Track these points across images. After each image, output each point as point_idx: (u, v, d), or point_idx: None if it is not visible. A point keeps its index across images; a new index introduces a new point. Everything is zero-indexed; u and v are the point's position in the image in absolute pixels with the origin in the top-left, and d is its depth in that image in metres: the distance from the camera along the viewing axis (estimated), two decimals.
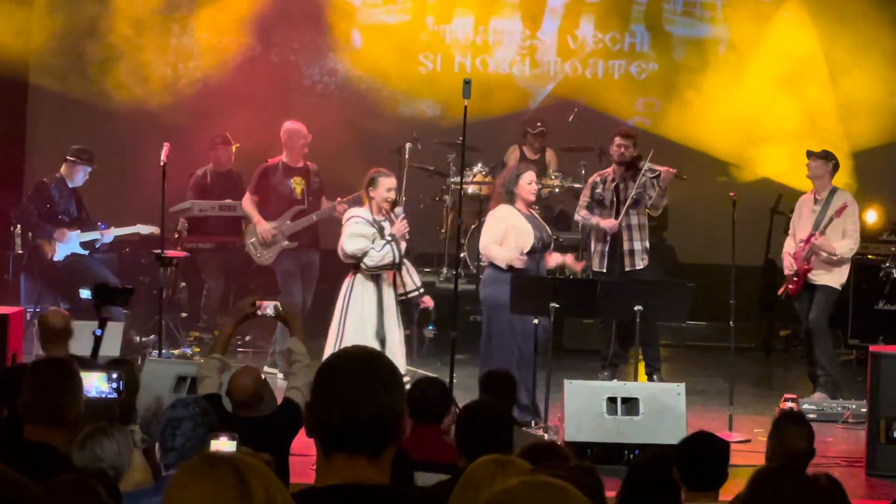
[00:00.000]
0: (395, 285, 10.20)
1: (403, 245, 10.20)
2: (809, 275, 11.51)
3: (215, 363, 7.07)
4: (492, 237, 10.45)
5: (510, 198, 10.45)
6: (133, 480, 5.72)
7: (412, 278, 10.33)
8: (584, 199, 11.98)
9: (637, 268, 11.73)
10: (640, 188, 11.65)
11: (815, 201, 11.63)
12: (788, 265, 11.62)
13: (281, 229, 12.03)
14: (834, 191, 11.63)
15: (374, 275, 10.16)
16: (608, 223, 11.58)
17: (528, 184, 10.44)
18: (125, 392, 6.64)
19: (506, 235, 10.37)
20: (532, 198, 10.47)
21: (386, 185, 10.17)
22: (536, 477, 2.68)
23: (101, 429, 5.44)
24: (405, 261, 10.38)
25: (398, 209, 10.31)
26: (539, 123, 14.58)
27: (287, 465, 6.71)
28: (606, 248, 11.76)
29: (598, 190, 11.88)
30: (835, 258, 11.41)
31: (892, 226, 13.43)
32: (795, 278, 11.56)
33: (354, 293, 10.17)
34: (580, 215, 12.02)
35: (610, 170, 11.95)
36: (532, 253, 10.34)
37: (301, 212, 12.12)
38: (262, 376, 7.52)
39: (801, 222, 11.69)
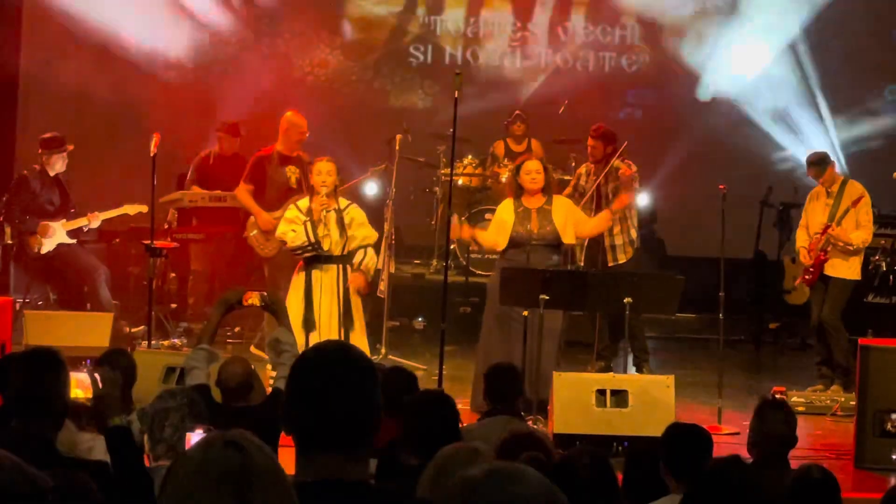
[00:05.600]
0: (342, 275, 10.37)
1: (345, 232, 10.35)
2: (825, 266, 11.59)
3: (203, 353, 7.05)
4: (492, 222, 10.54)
5: (518, 190, 10.43)
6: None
7: (366, 260, 10.43)
8: (569, 188, 12.00)
9: (619, 262, 11.75)
10: (615, 183, 11.68)
11: (828, 194, 11.70)
12: (805, 257, 11.71)
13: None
14: (846, 181, 11.73)
15: (308, 266, 10.38)
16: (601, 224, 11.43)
17: (525, 174, 10.39)
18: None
19: (495, 240, 10.46)
20: (532, 187, 10.34)
21: (316, 169, 10.43)
22: (499, 464, 2.68)
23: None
24: (368, 252, 10.46)
25: (324, 188, 10.36)
26: (517, 112, 14.63)
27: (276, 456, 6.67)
28: (586, 243, 11.78)
29: (582, 182, 11.93)
30: (850, 248, 11.49)
31: (881, 219, 13.44)
32: (811, 269, 11.64)
33: (291, 286, 10.50)
34: None
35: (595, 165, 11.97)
36: (515, 246, 10.35)
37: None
38: (253, 366, 7.51)
39: (815, 214, 11.76)
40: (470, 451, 3.70)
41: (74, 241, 12.45)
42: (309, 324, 10.27)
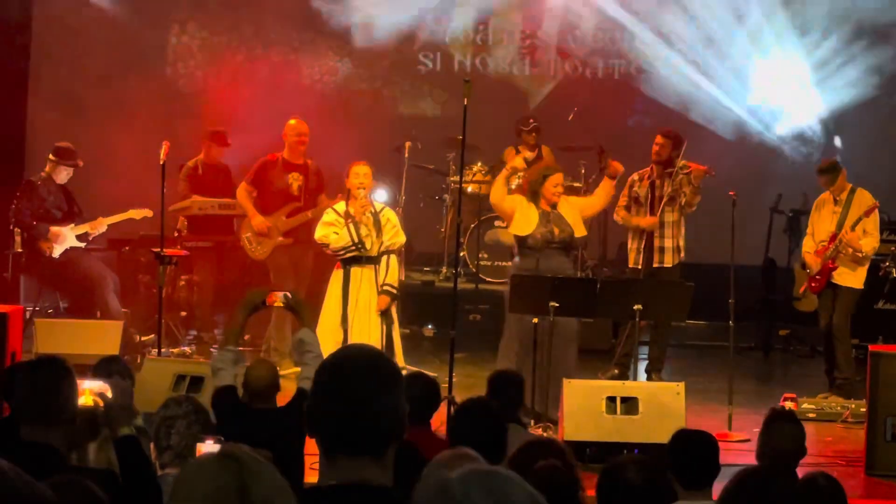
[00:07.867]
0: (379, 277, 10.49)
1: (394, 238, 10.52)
2: (833, 274, 11.57)
3: (229, 355, 7.06)
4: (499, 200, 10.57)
5: (534, 197, 10.49)
6: None
7: (388, 275, 10.48)
8: (623, 198, 12.00)
9: (665, 265, 11.77)
10: (676, 186, 11.71)
11: (836, 202, 11.68)
12: (812, 261, 11.69)
13: (276, 224, 12.07)
14: (854, 189, 11.70)
15: (347, 265, 10.49)
16: (647, 221, 11.67)
17: (553, 186, 10.50)
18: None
19: (513, 212, 10.50)
20: (556, 199, 10.47)
21: (353, 172, 10.57)
22: (476, 467, 2.66)
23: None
24: (393, 258, 10.53)
25: (362, 191, 10.47)
26: (531, 120, 14.55)
27: (302, 457, 6.64)
28: (643, 245, 11.82)
29: (635, 188, 11.93)
30: (860, 255, 11.47)
31: (890, 225, 13.42)
32: (818, 276, 11.63)
33: (330, 284, 10.65)
34: (619, 216, 12.05)
35: (648, 168, 11.97)
36: (532, 248, 10.37)
37: (297, 209, 12.16)
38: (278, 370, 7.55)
39: (822, 222, 11.75)
40: (460, 455, 3.73)
41: (84, 244, 12.47)
42: (346, 321, 10.39)
